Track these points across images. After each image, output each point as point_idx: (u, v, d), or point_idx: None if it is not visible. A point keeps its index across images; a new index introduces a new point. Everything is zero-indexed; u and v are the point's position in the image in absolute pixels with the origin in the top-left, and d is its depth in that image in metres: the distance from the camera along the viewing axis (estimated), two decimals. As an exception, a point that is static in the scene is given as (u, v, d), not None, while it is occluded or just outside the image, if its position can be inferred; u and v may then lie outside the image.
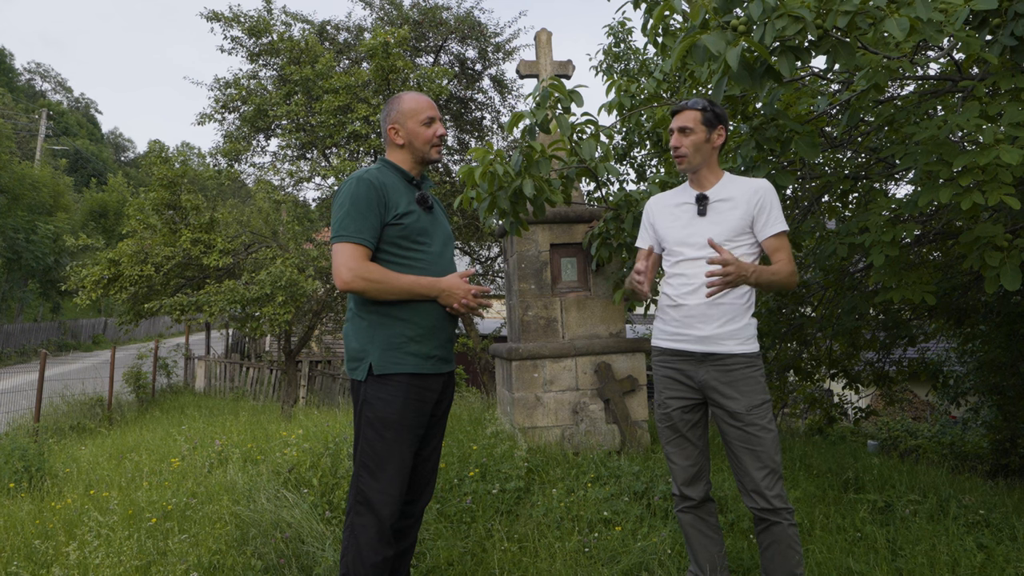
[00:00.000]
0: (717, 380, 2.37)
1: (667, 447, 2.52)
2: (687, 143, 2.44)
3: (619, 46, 7.83)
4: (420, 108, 2.35)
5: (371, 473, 2.17)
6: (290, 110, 10.80)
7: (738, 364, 2.35)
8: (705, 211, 2.44)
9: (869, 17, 2.33)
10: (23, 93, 46.54)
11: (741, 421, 2.32)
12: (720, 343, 2.36)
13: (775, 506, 2.30)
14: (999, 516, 3.54)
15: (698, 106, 2.43)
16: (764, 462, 2.30)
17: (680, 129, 2.44)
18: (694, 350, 2.40)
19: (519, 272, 5.05)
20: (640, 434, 4.84)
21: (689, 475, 2.48)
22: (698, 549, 2.49)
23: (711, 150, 2.45)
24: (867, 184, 4.64)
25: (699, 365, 2.41)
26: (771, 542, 2.33)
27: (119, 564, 2.82)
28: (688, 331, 2.41)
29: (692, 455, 2.48)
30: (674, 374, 2.47)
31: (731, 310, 2.37)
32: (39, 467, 4.98)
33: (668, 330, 2.48)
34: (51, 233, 22.58)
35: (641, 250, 2.44)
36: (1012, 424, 7.51)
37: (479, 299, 2.24)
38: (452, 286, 2.23)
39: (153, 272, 9.71)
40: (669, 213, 2.55)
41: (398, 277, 2.18)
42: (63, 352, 23.71)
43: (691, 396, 2.45)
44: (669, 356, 2.49)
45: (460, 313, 2.29)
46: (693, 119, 2.43)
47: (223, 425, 6.83)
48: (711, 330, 2.37)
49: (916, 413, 14.38)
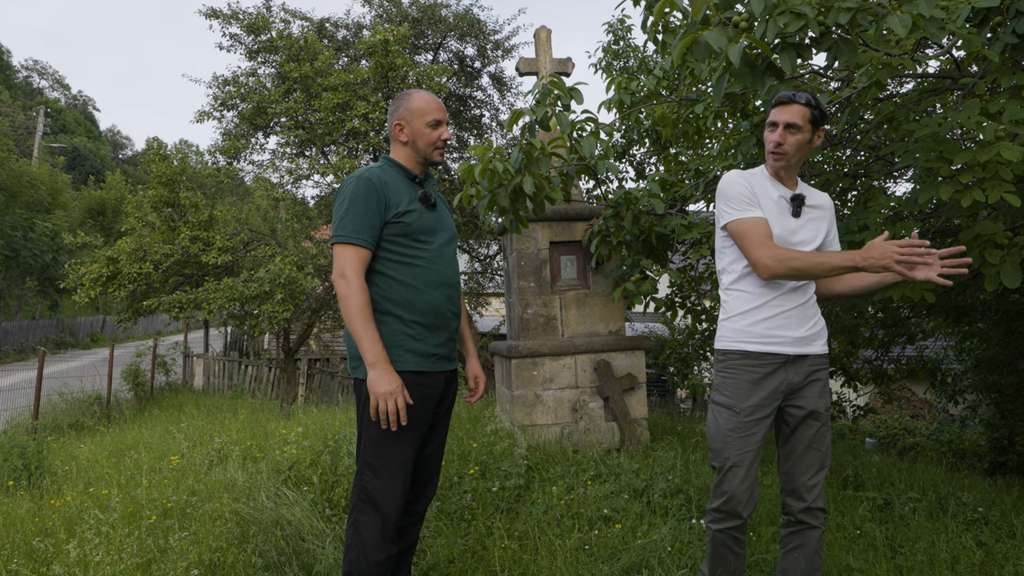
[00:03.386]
0: (803, 381, 2.28)
1: (738, 457, 2.25)
2: (792, 141, 2.22)
3: (619, 44, 7.81)
4: (428, 109, 2.33)
5: (374, 471, 2.17)
6: (289, 107, 10.79)
7: (822, 365, 2.31)
8: (799, 213, 2.29)
9: (871, 14, 2.33)
10: (20, 90, 46.42)
11: (819, 420, 2.28)
12: (812, 344, 2.29)
13: (822, 506, 2.28)
14: (998, 514, 3.55)
15: (808, 101, 2.20)
16: (824, 463, 2.29)
17: (787, 125, 2.21)
18: (789, 352, 2.26)
19: (519, 270, 5.05)
20: (639, 432, 4.84)
21: (751, 489, 2.28)
22: (722, 564, 2.35)
23: (808, 151, 2.28)
24: (867, 182, 4.65)
25: (788, 367, 2.26)
26: (800, 544, 2.29)
27: (119, 562, 2.81)
28: (785, 333, 2.25)
29: (756, 465, 2.30)
30: (760, 378, 2.26)
31: (817, 311, 2.30)
32: (38, 465, 4.98)
33: (756, 332, 2.27)
34: (49, 231, 22.55)
35: (914, 234, 2.19)
36: (1010, 422, 7.52)
37: (393, 412, 2.09)
38: (383, 384, 2.07)
39: (152, 270, 9.70)
40: (773, 202, 2.30)
41: (367, 319, 2.10)
42: (61, 350, 23.66)
43: (774, 403, 2.28)
44: (754, 360, 2.27)
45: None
46: (802, 116, 2.20)
47: (222, 423, 6.83)
48: (805, 331, 2.27)
49: (914, 411, 14.40)
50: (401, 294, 2.22)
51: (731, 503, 2.25)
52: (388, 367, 2.10)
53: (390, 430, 2.14)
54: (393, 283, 2.23)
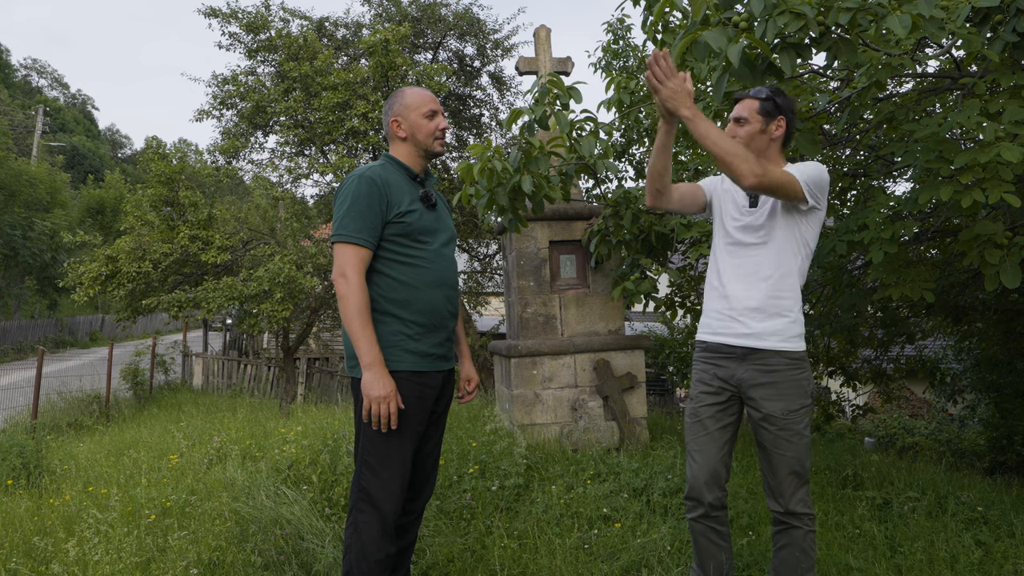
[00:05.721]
0: (755, 379, 2.27)
1: (693, 443, 2.36)
2: (741, 133, 2.33)
3: (618, 43, 7.81)
4: (422, 101, 2.34)
5: (373, 470, 2.17)
6: (288, 107, 10.77)
7: (780, 364, 2.26)
8: (756, 201, 2.36)
9: (870, 14, 2.33)
10: (19, 89, 46.40)
11: (774, 425, 2.25)
12: (763, 339, 2.27)
13: (802, 510, 2.27)
14: (997, 513, 3.55)
15: (758, 95, 2.33)
16: (793, 468, 2.25)
17: (735, 119, 2.34)
18: (736, 345, 2.30)
19: (518, 269, 5.05)
20: (639, 431, 4.84)
21: (709, 475, 2.31)
22: (706, 557, 2.39)
23: (768, 141, 2.33)
24: (866, 181, 4.65)
25: (740, 363, 2.30)
26: (787, 543, 2.30)
27: (118, 561, 2.81)
28: (730, 326, 2.31)
29: (716, 455, 2.34)
30: (710, 369, 2.35)
31: (780, 307, 2.27)
32: (37, 464, 4.97)
33: (706, 323, 2.38)
34: (48, 230, 22.53)
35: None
36: (1009, 421, 7.53)
37: (386, 416, 2.09)
38: (378, 388, 2.07)
39: (151, 269, 9.70)
40: (728, 195, 2.45)
41: (366, 320, 2.10)
42: (60, 349, 23.65)
43: (724, 393, 2.34)
44: (707, 352, 2.37)
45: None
46: (749, 109, 2.33)
47: (221, 422, 6.82)
48: (756, 326, 2.27)
49: (913, 410, 14.41)
50: (400, 294, 2.22)
51: (692, 489, 2.33)
52: (383, 370, 2.10)
53: (389, 429, 2.14)
54: (392, 283, 2.22)
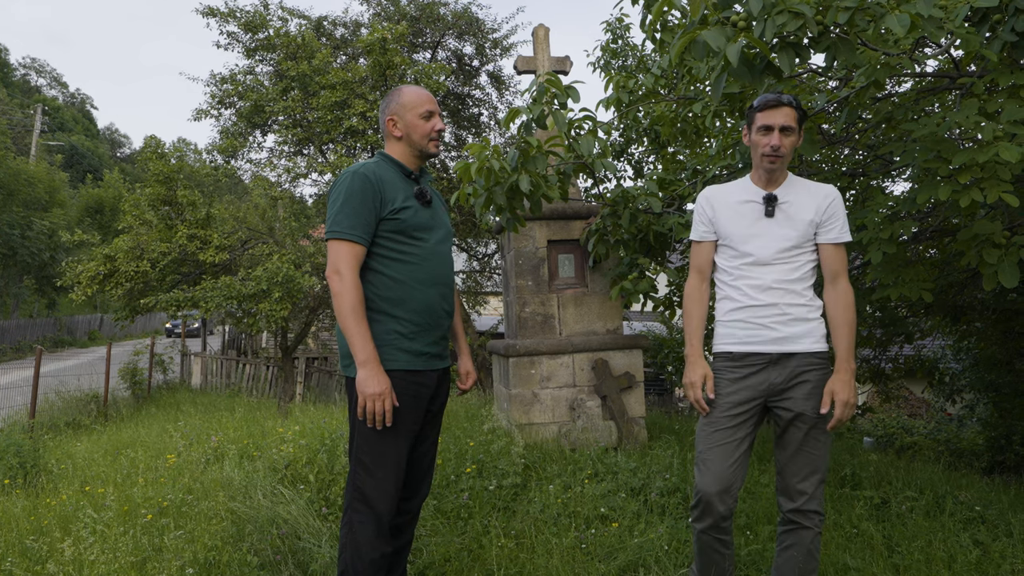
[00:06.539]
0: (787, 381, 2.25)
1: (708, 452, 2.29)
2: (788, 144, 2.23)
3: (617, 42, 7.81)
4: (419, 101, 2.32)
5: (367, 470, 2.17)
6: (287, 106, 10.77)
7: (812, 365, 2.26)
8: (773, 212, 2.30)
9: (869, 14, 2.33)
10: (18, 88, 46.35)
11: (806, 424, 2.25)
12: (796, 343, 2.26)
13: (815, 508, 2.27)
14: (995, 512, 3.55)
15: (794, 103, 2.23)
16: (816, 467, 2.26)
17: (782, 128, 2.22)
18: (768, 351, 2.27)
19: (516, 268, 5.04)
20: (637, 431, 4.84)
21: (723, 485, 2.25)
22: (708, 564, 2.36)
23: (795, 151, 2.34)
24: (865, 181, 4.64)
25: (772, 367, 2.27)
26: (794, 543, 2.29)
27: (114, 560, 2.80)
28: (763, 333, 2.28)
29: (732, 465, 2.28)
30: (741, 377, 2.30)
31: (805, 311, 2.27)
32: (34, 463, 4.96)
33: (737, 334, 2.33)
34: (47, 229, 22.52)
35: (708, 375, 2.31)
36: (1007, 421, 7.54)
37: (380, 413, 2.08)
38: (372, 385, 2.06)
39: (149, 268, 9.70)
40: (732, 210, 2.36)
41: (360, 317, 2.09)
42: (59, 348, 23.65)
43: (753, 403, 2.29)
44: (736, 361, 2.32)
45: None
46: (794, 118, 2.23)
47: (219, 421, 6.81)
48: (787, 331, 2.26)
49: (912, 410, 14.42)
50: (395, 292, 2.21)
51: (702, 499, 2.27)
52: (378, 367, 2.09)
53: (384, 428, 2.14)
54: (387, 280, 2.21)
